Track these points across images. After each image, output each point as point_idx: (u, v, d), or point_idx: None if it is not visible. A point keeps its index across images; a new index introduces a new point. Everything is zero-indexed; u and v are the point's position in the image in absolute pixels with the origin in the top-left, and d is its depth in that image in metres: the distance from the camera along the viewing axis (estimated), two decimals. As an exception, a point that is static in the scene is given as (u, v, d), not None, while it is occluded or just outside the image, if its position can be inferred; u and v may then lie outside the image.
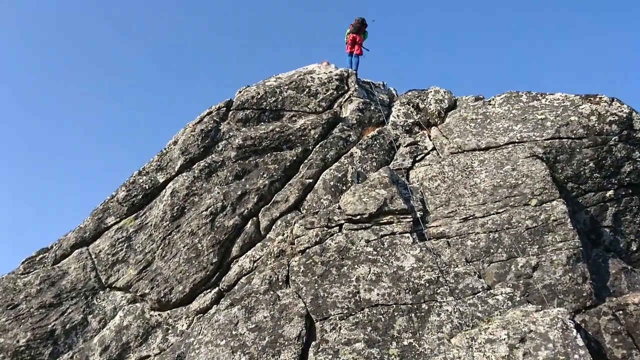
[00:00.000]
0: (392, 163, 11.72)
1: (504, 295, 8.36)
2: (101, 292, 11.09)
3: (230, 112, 13.06)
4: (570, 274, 8.55)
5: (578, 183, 10.35)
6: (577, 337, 7.19)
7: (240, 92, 13.61)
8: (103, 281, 11.15)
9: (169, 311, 10.40)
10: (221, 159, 12.09)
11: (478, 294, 8.45)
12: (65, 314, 10.80)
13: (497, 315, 8.07)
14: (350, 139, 12.38)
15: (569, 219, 9.18)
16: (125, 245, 11.41)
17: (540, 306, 8.05)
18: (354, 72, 14.29)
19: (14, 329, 10.64)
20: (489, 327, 7.67)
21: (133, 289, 10.88)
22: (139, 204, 12.00)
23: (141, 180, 12.26)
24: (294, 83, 13.44)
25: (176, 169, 12.14)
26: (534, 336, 7.28)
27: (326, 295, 8.77)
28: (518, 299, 8.31)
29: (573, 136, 10.65)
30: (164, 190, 12.00)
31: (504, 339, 7.34)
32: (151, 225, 11.53)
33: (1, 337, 10.53)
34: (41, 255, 12.00)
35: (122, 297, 10.92)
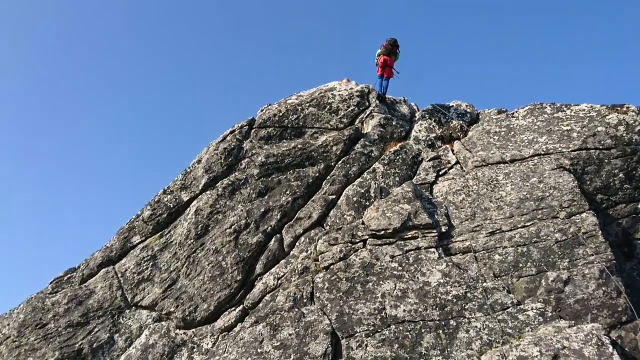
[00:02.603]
0: (415, 178, 11.63)
1: (535, 311, 8.12)
2: (127, 311, 11.16)
3: (253, 130, 13.19)
4: (603, 288, 8.27)
5: (608, 194, 10.09)
6: (614, 353, 6.92)
7: (262, 110, 13.76)
8: (129, 300, 11.24)
9: (194, 329, 10.40)
10: (244, 176, 12.18)
11: (508, 310, 8.23)
12: (92, 333, 10.89)
13: (528, 331, 7.83)
14: (373, 154, 12.35)
15: (600, 231, 8.92)
16: (151, 263, 11.50)
17: (573, 322, 7.79)
18: (381, 93, 14.05)
19: (43, 348, 10.77)
20: (520, 344, 7.44)
21: (158, 308, 10.92)
22: (164, 222, 12.13)
23: (166, 199, 12.40)
24: (315, 100, 13.53)
25: (200, 187, 12.26)
26: (567, 353, 7.03)
27: (351, 311, 8.66)
28: (550, 314, 8.06)
29: (601, 147, 10.43)
30: (188, 209, 12.11)
31: (536, 356, 7.10)
32: (176, 243, 11.62)
33: (30, 357, 10.65)
34: (69, 275, 12.17)
35: (147, 315, 10.97)
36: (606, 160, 10.26)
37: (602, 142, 10.48)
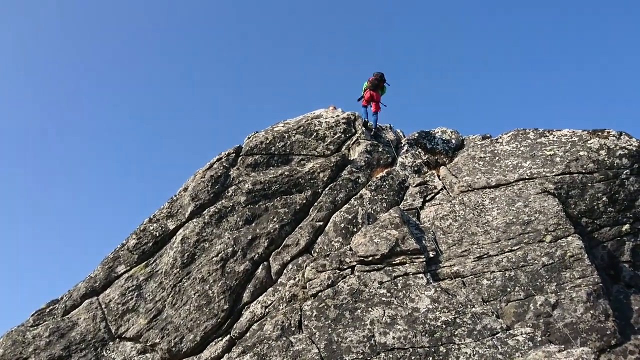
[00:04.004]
0: (402, 203, 11.67)
1: (524, 336, 8.09)
2: (111, 343, 10.88)
3: (240, 158, 13.20)
4: (591, 312, 8.29)
5: (592, 218, 10.20)
6: (604, 377, 6.89)
7: (249, 137, 13.80)
8: (113, 331, 10.97)
9: (179, 361, 10.15)
10: (231, 204, 12.12)
11: (497, 335, 8.19)
12: (74, 367, 10.57)
13: (518, 356, 7.78)
14: (360, 180, 12.40)
15: (586, 255, 8.99)
16: (136, 294, 11.29)
17: (562, 346, 7.77)
18: (367, 120, 14.06)
19: (22, 384, 10.41)
20: (510, 370, 7.39)
21: (143, 339, 10.67)
22: (150, 251, 11.96)
23: (151, 228, 12.26)
24: (301, 127, 13.62)
25: (186, 216, 12.16)
26: (558, 378, 6.98)
27: (340, 339, 8.54)
28: (539, 339, 8.03)
29: (584, 171, 10.59)
30: (175, 237, 11.98)
31: (527, 382, 7.04)
32: (161, 272, 11.44)
33: (9, 393, 10.29)
34: (51, 307, 11.87)
35: (132, 347, 10.70)
36: (589, 184, 10.41)
37: (585, 166, 10.65)
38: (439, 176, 12.36)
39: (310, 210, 11.89)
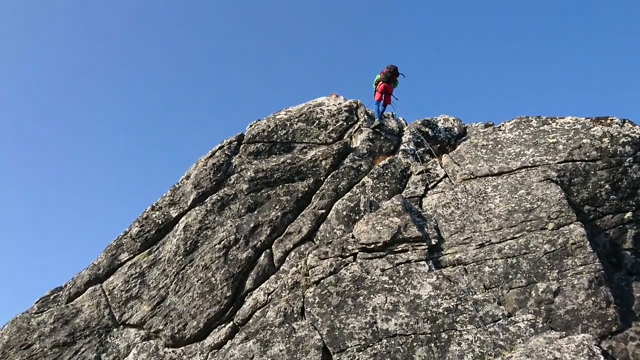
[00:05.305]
0: (404, 191, 11.66)
1: (526, 322, 8.14)
2: (115, 330, 10.98)
3: (242, 146, 13.18)
4: (593, 298, 8.32)
5: (595, 205, 10.20)
6: (605, 363, 6.93)
7: (251, 125, 13.77)
8: (117, 318, 11.06)
9: (183, 347, 10.23)
10: (233, 192, 12.13)
11: (499, 322, 8.23)
12: (79, 354, 10.68)
13: (519, 343, 7.83)
14: (362, 168, 12.39)
15: (588, 242, 9.00)
16: (139, 281, 11.35)
17: (564, 332, 7.82)
18: (379, 121, 13.94)
19: (28, 370, 10.52)
20: (512, 356, 7.44)
21: (147, 326, 10.75)
22: (152, 239, 12.01)
23: (154, 216, 12.30)
24: (303, 115, 13.58)
25: (189, 203, 12.18)
26: (559, 364, 7.03)
27: (343, 326, 8.60)
28: (540, 325, 8.08)
29: (586, 158, 10.56)
30: (177, 225, 12.01)
31: (529, 368, 7.09)
32: (164, 260, 11.50)
33: (14, 378, 10.40)
34: (55, 294, 11.96)
35: (135, 334, 10.79)
36: (592, 172, 10.39)
37: (588, 154, 10.62)
38: (441, 164, 12.34)
39: (313, 198, 11.90)
